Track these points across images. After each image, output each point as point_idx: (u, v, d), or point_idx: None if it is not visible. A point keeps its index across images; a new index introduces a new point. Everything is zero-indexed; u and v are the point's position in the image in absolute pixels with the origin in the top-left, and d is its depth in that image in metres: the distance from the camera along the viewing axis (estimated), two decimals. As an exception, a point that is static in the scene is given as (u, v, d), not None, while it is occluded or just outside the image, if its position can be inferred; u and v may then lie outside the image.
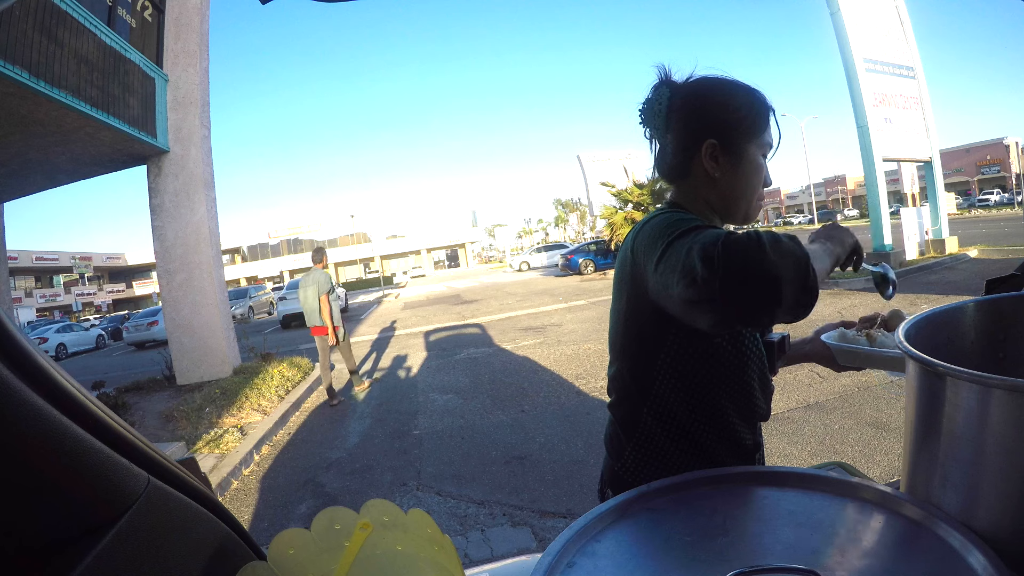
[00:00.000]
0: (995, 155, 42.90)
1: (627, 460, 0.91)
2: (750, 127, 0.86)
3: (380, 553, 0.45)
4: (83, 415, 0.34)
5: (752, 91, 0.88)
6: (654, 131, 0.91)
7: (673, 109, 0.87)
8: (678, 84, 0.88)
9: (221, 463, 4.18)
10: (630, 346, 0.88)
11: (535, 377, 5.95)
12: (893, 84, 12.18)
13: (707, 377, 0.85)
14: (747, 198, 0.89)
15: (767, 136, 0.88)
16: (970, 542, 0.46)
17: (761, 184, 0.89)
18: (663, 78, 0.89)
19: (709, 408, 0.86)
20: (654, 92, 0.89)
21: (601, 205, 24.11)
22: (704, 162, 0.86)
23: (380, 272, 43.88)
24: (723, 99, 0.87)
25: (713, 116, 0.86)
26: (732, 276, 0.58)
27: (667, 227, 0.72)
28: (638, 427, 0.89)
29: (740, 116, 0.86)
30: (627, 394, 0.91)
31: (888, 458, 3.05)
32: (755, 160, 0.87)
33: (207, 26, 7.70)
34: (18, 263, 34.77)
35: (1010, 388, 0.46)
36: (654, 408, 0.87)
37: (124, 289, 48.59)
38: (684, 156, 0.88)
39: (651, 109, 0.89)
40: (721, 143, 0.85)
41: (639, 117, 0.92)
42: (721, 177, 0.87)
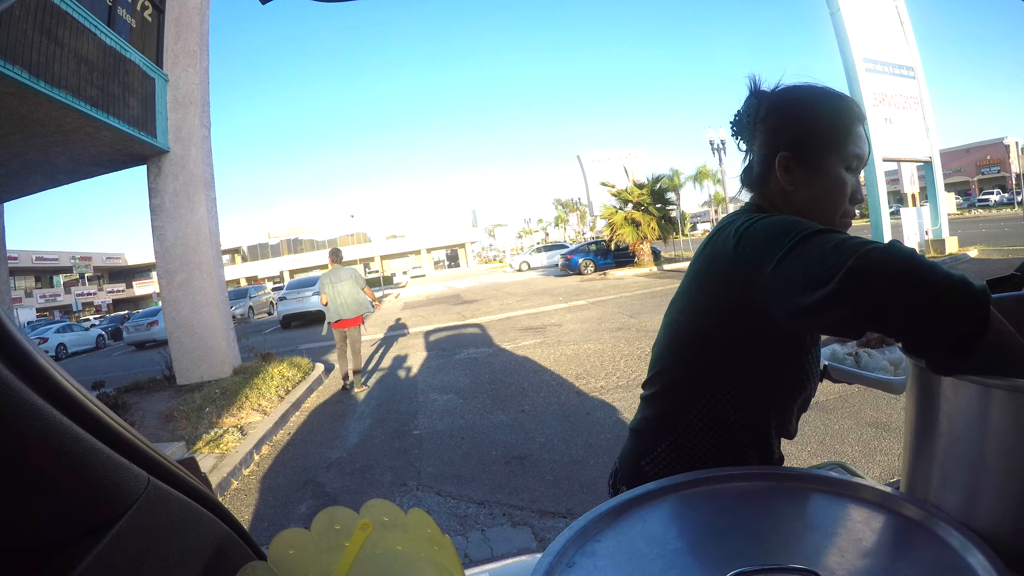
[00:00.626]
0: (995, 155, 42.91)
1: (659, 455, 0.89)
2: (828, 138, 0.81)
3: (380, 553, 0.45)
4: (83, 415, 0.34)
5: (837, 99, 0.84)
6: (745, 143, 0.91)
7: (759, 120, 0.87)
8: (765, 94, 0.87)
9: (221, 463, 4.18)
10: (699, 346, 0.84)
11: (535, 377, 5.95)
12: (893, 84, 12.19)
13: (771, 392, 0.84)
14: (827, 214, 0.83)
15: (852, 147, 0.82)
16: (970, 542, 0.46)
17: (844, 199, 0.83)
18: (752, 89, 0.87)
19: (760, 421, 0.85)
20: (744, 104, 0.88)
21: (601, 205, 24.12)
22: (778, 175, 0.84)
23: (380, 272, 43.85)
24: (801, 109, 0.84)
25: (789, 127, 0.83)
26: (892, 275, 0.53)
27: (793, 224, 0.68)
28: (681, 424, 0.87)
29: (818, 126, 0.82)
30: (678, 391, 0.88)
31: (888, 458, 3.05)
32: (835, 173, 0.82)
33: (207, 26, 7.70)
34: (18, 263, 34.77)
35: (1010, 388, 0.46)
36: (705, 410, 0.85)
37: (124, 289, 48.59)
38: (763, 168, 0.86)
39: (741, 121, 0.89)
40: (795, 155, 0.82)
41: (731, 129, 0.91)
42: (795, 191, 0.83)
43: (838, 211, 0.83)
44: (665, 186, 20.50)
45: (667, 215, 19.80)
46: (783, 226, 0.69)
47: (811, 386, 0.88)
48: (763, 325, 0.75)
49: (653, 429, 0.91)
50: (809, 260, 0.61)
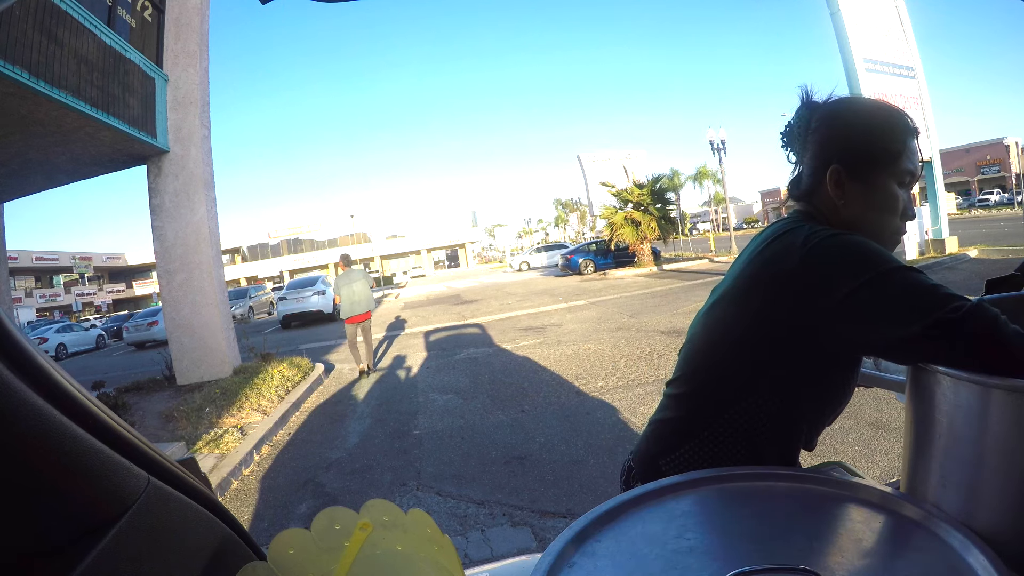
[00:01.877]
0: (995, 155, 42.90)
1: (679, 457, 0.87)
2: (881, 153, 0.80)
3: (380, 553, 0.45)
4: (83, 415, 0.34)
5: (892, 113, 0.82)
6: (796, 154, 0.90)
7: (810, 131, 0.86)
8: (817, 105, 0.86)
9: (221, 463, 4.18)
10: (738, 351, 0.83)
11: (535, 377, 5.95)
12: (893, 84, 12.19)
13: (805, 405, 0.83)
14: (877, 230, 0.82)
15: (906, 163, 0.81)
16: (970, 542, 0.46)
17: (895, 216, 0.82)
18: (804, 99, 0.87)
19: (790, 433, 0.84)
20: (796, 115, 0.87)
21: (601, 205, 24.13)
22: (829, 188, 0.82)
23: (380, 272, 43.86)
24: (855, 122, 0.83)
25: (842, 139, 0.82)
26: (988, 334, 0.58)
27: (875, 253, 0.69)
28: (709, 429, 0.85)
29: (871, 140, 0.81)
30: (709, 393, 0.86)
31: (888, 458, 3.05)
32: (888, 189, 0.81)
33: (207, 26, 7.70)
34: (18, 263, 34.77)
35: (1010, 388, 0.47)
36: (735, 417, 0.83)
37: (124, 289, 48.59)
38: (814, 180, 0.85)
39: (792, 132, 0.88)
40: (847, 169, 0.81)
41: (781, 141, 0.91)
42: (846, 204, 0.82)
43: (888, 227, 0.83)
44: (665, 186, 20.51)
45: (667, 215, 19.81)
46: (865, 251, 0.70)
47: (847, 400, 0.88)
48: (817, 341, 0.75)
49: (677, 430, 0.89)
50: (895, 297, 0.65)
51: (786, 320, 0.76)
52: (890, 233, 0.83)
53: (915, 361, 0.63)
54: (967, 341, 0.58)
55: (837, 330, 0.71)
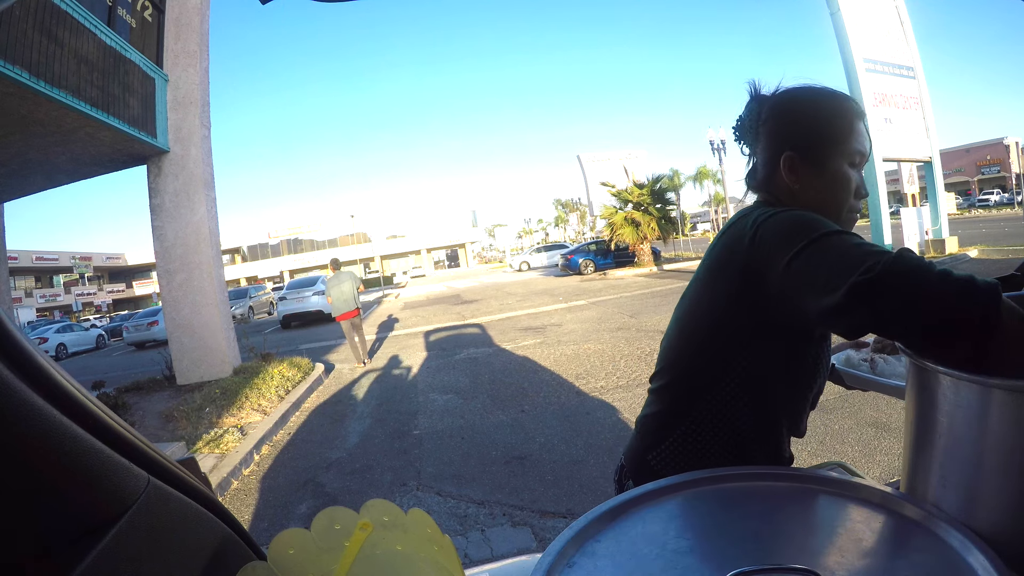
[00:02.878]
0: (995, 155, 42.89)
1: (665, 451, 0.88)
2: (833, 136, 0.83)
3: (380, 553, 0.45)
4: (83, 415, 0.34)
5: (837, 97, 0.85)
6: (749, 147, 0.92)
7: (761, 123, 0.88)
8: (766, 98, 0.89)
9: (221, 463, 4.18)
10: (709, 337, 0.85)
11: (535, 377, 5.95)
12: (893, 84, 12.20)
13: (780, 386, 0.84)
14: (833, 210, 0.84)
15: (855, 144, 0.84)
16: (970, 542, 0.46)
17: (850, 195, 0.85)
18: (753, 93, 0.89)
19: (769, 416, 0.85)
20: (746, 109, 0.90)
21: (601, 205, 24.13)
22: (784, 175, 0.85)
23: (380, 272, 43.88)
24: (803, 109, 0.86)
25: (791, 127, 0.85)
26: (898, 289, 0.55)
27: (810, 222, 0.69)
28: (689, 419, 0.87)
29: (819, 125, 0.84)
30: (686, 383, 0.88)
31: (888, 458, 3.05)
32: (840, 171, 0.84)
33: (207, 26, 7.70)
34: (18, 263, 34.76)
35: (1010, 388, 0.47)
36: (713, 404, 0.85)
37: (124, 289, 48.57)
38: (768, 169, 0.88)
39: (743, 125, 0.90)
40: (799, 155, 0.84)
41: (734, 135, 0.93)
42: (802, 189, 0.85)
43: (844, 207, 0.85)
44: (665, 186, 20.51)
45: (667, 215, 19.81)
46: (799, 223, 0.70)
47: (820, 381, 0.89)
48: (773, 317, 0.76)
49: (661, 423, 0.90)
50: (818, 265, 0.63)
51: (745, 299, 0.78)
52: (846, 211, 0.86)
53: (851, 332, 0.61)
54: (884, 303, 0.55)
55: (786, 304, 0.71)
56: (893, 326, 0.56)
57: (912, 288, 0.54)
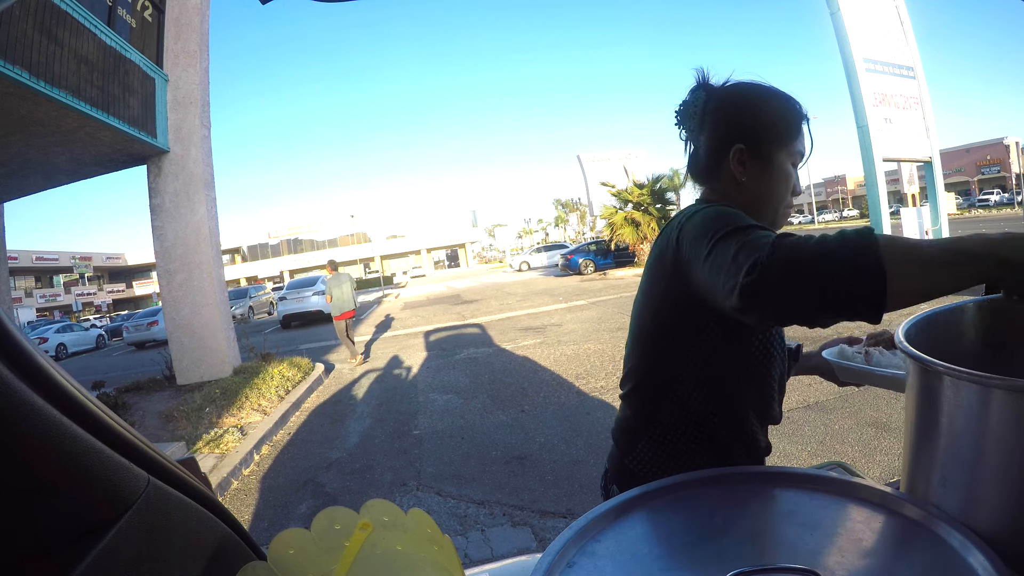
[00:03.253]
0: (995, 155, 42.88)
1: (640, 453, 0.90)
2: (780, 134, 0.86)
3: (380, 553, 0.45)
4: (83, 415, 0.34)
5: (787, 99, 0.88)
6: (689, 132, 0.93)
7: (708, 112, 0.89)
8: (714, 88, 0.90)
9: (221, 463, 4.18)
10: (657, 337, 0.87)
11: (535, 377, 5.95)
12: (893, 84, 12.19)
13: (734, 376, 0.85)
14: (773, 205, 0.88)
15: (799, 145, 0.88)
16: (970, 542, 0.46)
17: (789, 192, 0.89)
18: (700, 81, 0.90)
19: (732, 407, 0.86)
20: (691, 95, 0.91)
21: (601, 205, 24.11)
22: (732, 166, 0.87)
23: (380, 272, 43.87)
24: (755, 105, 0.88)
25: (744, 121, 0.87)
26: (779, 282, 0.56)
27: (717, 221, 0.71)
28: (656, 421, 0.88)
29: (770, 123, 0.86)
30: (648, 385, 0.89)
31: (888, 458, 3.05)
32: (783, 168, 0.87)
33: (207, 26, 7.70)
34: (18, 263, 34.75)
35: (1010, 388, 0.46)
36: (676, 402, 0.86)
37: (124, 289, 48.57)
38: (714, 158, 0.89)
39: (687, 111, 0.91)
40: (749, 148, 0.86)
41: (675, 118, 0.93)
42: (747, 182, 0.87)
43: (783, 202, 0.89)
44: (665, 186, 20.49)
45: (667, 215, 19.77)
46: (708, 223, 0.72)
47: (776, 366, 0.89)
48: (710, 313, 0.78)
49: (632, 428, 0.92)
50: (717, 269, 0.65)
51: (682, 298, 0.80)
52: (784, 207, 0.90)
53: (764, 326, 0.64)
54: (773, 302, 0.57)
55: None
56: (795, 318, 0.58)
57: (794, 280, 0.55)
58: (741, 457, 0.88)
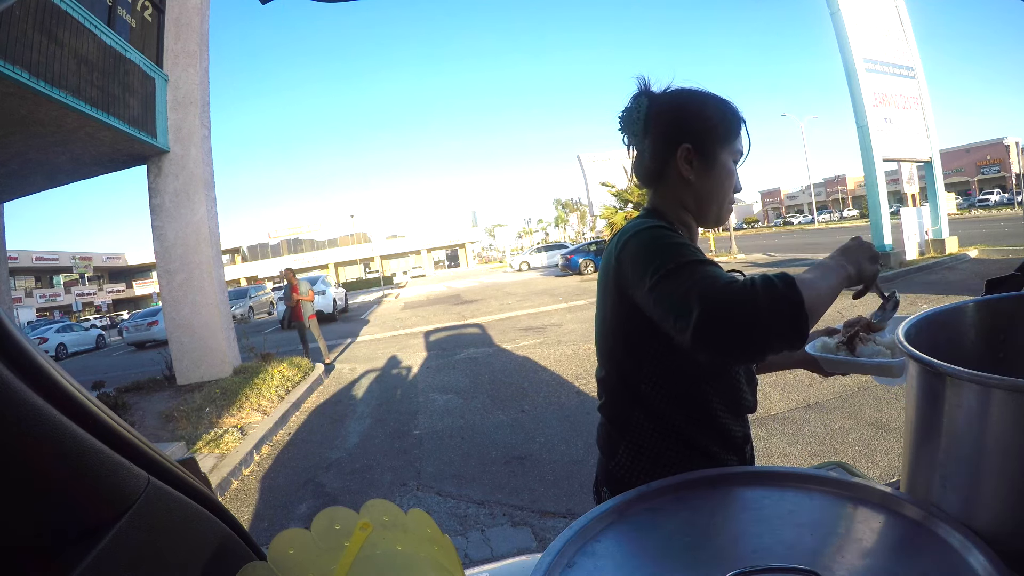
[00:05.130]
0: (995, 155, 42.87)
1: (621, 459, 0.93)
2: (723, 134, 0.91)
3: (380, 553, 0.45)
4: (83, 415, 0.34)
5: (725, 102, 0.93)
6: (632, 137, 0.96)
7: (651, 116, 0.93)
8: (656, 94, 0.94)
9: (221, 463, 4.18)
10: (617, 349, 0.91)
11: (535, 377, 5.95)
12: (893, 84, 12.19)
13: (694, 375, 0.87)
14: (719, 201, 0.93)
15: (738, 144, 0.93)
16: (970, 542, 0.46)
17: (732, 189, 0.94)
18: (642, 88, 0.94)
19: (698, 405, 0.89)
20: (634, 101, 0.94)
21: (601, 205, 24.12)
22: (679, 165, 0.91)
23: (380, 272, 43.87)
24: (698, 108, 0.92)
25: (688, 123, 0.91)
26: (723, 334, 0.65)
27: (657, 249, 0.77)
28: (630, 426, 0.91)
29: (713, 124, 0.91)
30: (617, 395, 0.93)
31: (888, 458, 3.05)
32: (727, 166, 0.92)
33: (207, 26, 7.70)
34: (18, 263, 34.74)
35: (1010, 388, 0.46)
36: (644, 408, 0.90)
37: (124, 289, 48.56)
38: (660, 160, 0.93)
39: (630, 117, 0.94)
40: (695, 148, 0.90)
41: (619, 124, 0.97)
42: (695, 180, 0.91)
43: (727, 199, 0.94)
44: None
45: (667, 215, 19.77)
46: (650, 248, 0.78)
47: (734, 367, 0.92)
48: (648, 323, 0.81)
49: (609, 435, 0.96)
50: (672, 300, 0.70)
51: (627, 308, 0.84)
52: (728, 203, 0.95)
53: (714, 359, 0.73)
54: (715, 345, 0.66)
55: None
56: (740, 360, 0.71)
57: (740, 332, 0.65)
58: (715, 449, 0.90)
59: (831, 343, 1.01)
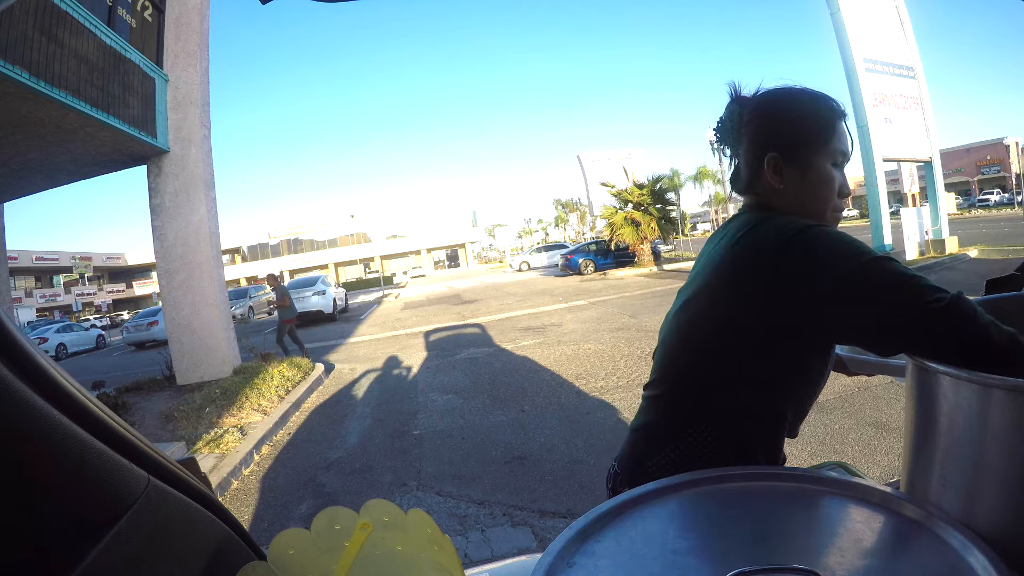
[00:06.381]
0: (995, 155, 42.86)
1: (664, 459, 0.87)
2: (813, 137, 0.84)
3: (380, 553, 0.45)
4: (83, 415, 0.34)
5: (818, 99, 0.86)
6: (730, 148, 0.92)
7: (742, 125, 0.89)
8: (746, 99, 0.89)
9: (221, 463, 4.18)
10: (722, 345, 0.83)
11: (535, 377, 5.95)
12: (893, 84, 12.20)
13: (790, 392, 0.83)
14: (818, 208, 0.85)
15: (836, 144, 0.85)
16: (970, 542, 0.46)
17: (833, 194, 0.86)
18: (733, 95, 0.90)
19: (775, 421, 0.84)
20: (726, 111, 0.90)
21: (601, 205, 24.14)
22: (768, 176, 0.86)
23: (380, 272, 43.88)
24: (784, 111, 0.86)
25: (773, 129, 0.86)
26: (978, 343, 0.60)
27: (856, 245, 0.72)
28: (691, 429, 0.85)
29: (802, 127, 0.85)
30: (687, 396, 0.87)
31: (888, 458, 3.05)
32: (823, 170, 0.85)
33: (207, 26, 7.70)
34: (18, 263, 34.73)
35: (1010, 388, 0.46)
36: (719, 413, 0.84)
37: (124, 289, 48.56)
38: (751, 171, 0.89)
39: (724, 127, 0.91)
40: (783, 156, 0.84)
41: (714, 136, 0.93)
42: (786, 189, 0.85)
43: (828, 206, 0.86)
44: (665, 186, 20.51)
45: (667, 215, 19.81)
46: (846, 241, 0.72)
47: (823, 386, 0.89)
48: (795, 333, 0.76)
49: (660, 432, 0.89)
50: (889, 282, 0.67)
51: (761, 316, 0.77)
52: (831, 211, 0.87)
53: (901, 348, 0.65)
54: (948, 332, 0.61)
55: (824, 317, 0.73)
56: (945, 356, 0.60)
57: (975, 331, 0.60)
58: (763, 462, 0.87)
59: None
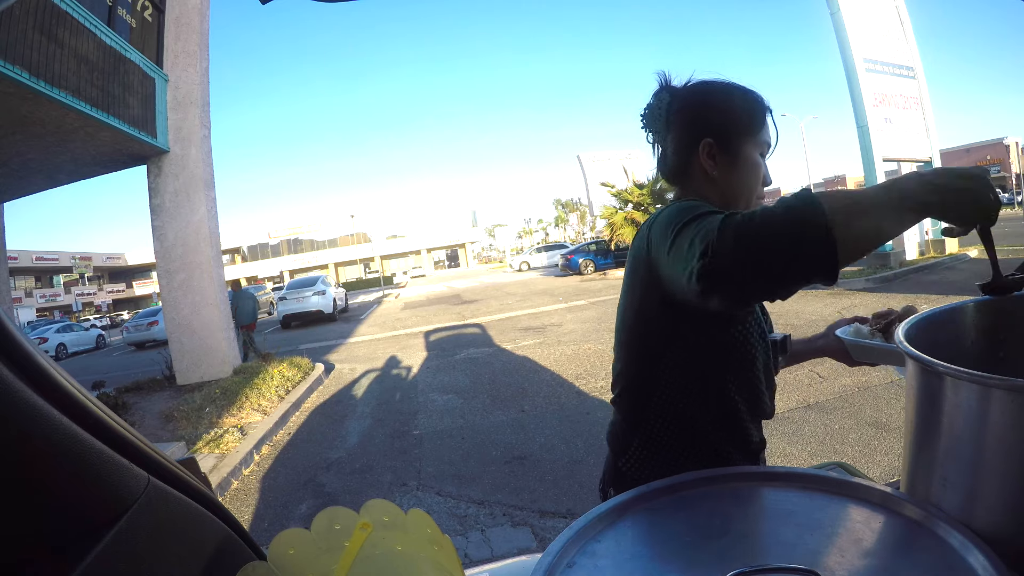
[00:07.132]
0: (995, 155, 42.88)
1: (632, 456, 0.91)
2: (746, 126, 0.88)
3: (380, 553, 0.45)
4: (83, 415, 0.34)
5: (748, 92, 0.90)
6: (655, 134, 0.94)
7: (672, 112, 0.91)
8: (677, 88, 0.92)
9: (221, 463, 4.18)
10: (638, 339, 0.88)
11: (535, 377, 5.95)
12: (893, 84, 12.19)
13: (717, 371, 0.85)
14: (745, 196, 0.89)
15: (764, 135, 0.89)
16: (970, 542, 0.46)
17: (759, 182, 0.90)
18: (663, 84, 0.92)
19: (719, 404, 0.86)
20: (655, 97, 0.92)
21: (601, 205, 24.12)
22: (702, 161, 0.88)
23: (380, 272, 43.87)
24: (719, 100, 0.89)
25: (709, 117, 0.88)
26: (732, 260, 0.55)
27: (678, 214, 0.70)
28: (645, 422, 0.89)
29: (736, 116, 0.88)
30: (634, 388, 0.91)
31: (888, 458, 3.05)
32: (752, 159, 0.88)
33: (207, 26, 7.70)
34: (18, 263, 34.72)
35: (1010, 388, 0.46)
36: (662, 403, 0.87)
37: (124, 289, 48.56)
38: (683, 156, 0.90)
39: (652, 113, 0.93)
40: (717, 142, 0.87)
41: (641, 122, 0.95)
42: (719, 175, 0.88)
43: (755, 192, 0.90)
44: (665, 187, 20.44)
45: (667, 215, 19.78)
46: (672, 215, 0.71)
47: (760, 358, 0.88)
48: (684, 310, 0.78)
49: (623, 431, 0.94)
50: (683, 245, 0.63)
51: (658, 298, 0.80)
52: (756, 197, 0.90)
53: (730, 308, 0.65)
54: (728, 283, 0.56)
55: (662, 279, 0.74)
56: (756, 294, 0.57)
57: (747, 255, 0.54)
58: (732, 453, 0.88)
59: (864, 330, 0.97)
